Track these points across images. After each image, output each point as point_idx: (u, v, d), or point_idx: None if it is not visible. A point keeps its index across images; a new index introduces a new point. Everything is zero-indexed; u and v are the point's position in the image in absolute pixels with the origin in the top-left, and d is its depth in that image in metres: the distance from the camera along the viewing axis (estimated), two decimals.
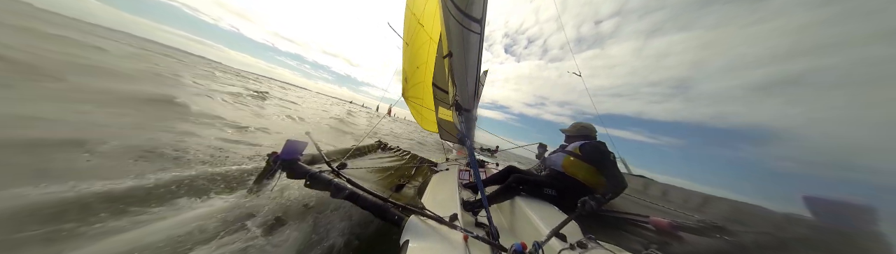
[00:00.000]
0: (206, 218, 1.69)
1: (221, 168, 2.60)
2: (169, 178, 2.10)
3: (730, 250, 1.52)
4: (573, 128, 2.53)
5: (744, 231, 1.65)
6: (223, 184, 2.31)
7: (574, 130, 2.50)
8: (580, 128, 2.47)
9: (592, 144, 2.15)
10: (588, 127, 2.46)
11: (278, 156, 1.74)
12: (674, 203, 2.58)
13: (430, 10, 2.79)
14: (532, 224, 1.59)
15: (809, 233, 1.58)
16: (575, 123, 2.59)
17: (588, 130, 2.43)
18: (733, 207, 2.20)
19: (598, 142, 2.22)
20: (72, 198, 1.60)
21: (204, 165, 2.69)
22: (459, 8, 1.35)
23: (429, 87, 3.58)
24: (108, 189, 1.77)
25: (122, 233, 1.44)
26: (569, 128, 2.57)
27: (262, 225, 1.74)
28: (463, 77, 1.79)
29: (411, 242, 1.12)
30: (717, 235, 1.61)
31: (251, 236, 1.61)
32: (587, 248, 1.18)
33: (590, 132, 2.43)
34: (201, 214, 1.74)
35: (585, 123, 2.52)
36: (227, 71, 29.32)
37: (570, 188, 2.06)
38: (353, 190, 1.54)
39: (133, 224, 1.53)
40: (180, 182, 2.11)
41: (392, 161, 3.30)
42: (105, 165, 2.16)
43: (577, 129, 2.48)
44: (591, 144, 2.16)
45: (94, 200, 1.65)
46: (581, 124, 2.51)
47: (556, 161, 2.32)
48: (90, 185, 1.75)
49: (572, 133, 2.50)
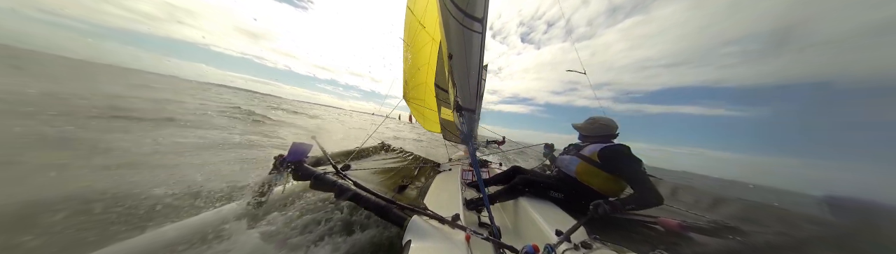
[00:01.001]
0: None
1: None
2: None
3: (743, 251, 1.47)
4: (589, 125, 2.10)
5: (759, 232, 1.61)
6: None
7: (590, 128, 2.08)
8: (599, 125, 2.04)
9: (614, 150, 1.80)
10: (608, 124, 2.03)
11: (284, 158, 1.77)
12: (684, 203, 2.52)
13: (431, 11, 2.81)
14: (536, 225, 1.57)
15: (829, 233, 1.53)
16: (591, 118, 2.13)
17: (608, 129, 2.02)
18: (747, 206, 2.15)
19: (620, 146, 1.83)
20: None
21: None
22: (460, 8, 1.35)
23: (430, 88, 3.59)
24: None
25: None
26: (583, 124, 2.16)
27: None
28: (464, 77, 1.78)
29: (413, 242, 1.11)
30: (730, 236, 1.57)
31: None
32: (592, 248, 1.15)
33: (610, 131, 2.01)
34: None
35: (604, 119, 2.07)
36: (290, 104, 33.61)
37: (579, 193, 1.90)
38: (357, 191, 1.54)
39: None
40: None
41: (395, 162, 3.31)
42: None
43: (595, 127, 2.06)
44: (612, 149, 1.81)
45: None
46: (599, 121, 2.06)
47: (568, 166, 2.01)
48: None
49: (589, 132, 2.09)
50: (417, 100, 4.02)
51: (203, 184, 2.63)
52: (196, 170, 3.08)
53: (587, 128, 2.12)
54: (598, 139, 2.05)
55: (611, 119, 2.08)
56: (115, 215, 1.88)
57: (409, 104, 4.23)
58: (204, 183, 2.66)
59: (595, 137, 2.07)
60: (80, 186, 2.21)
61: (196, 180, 2.71)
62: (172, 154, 3.59)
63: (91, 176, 2.45)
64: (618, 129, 2.06)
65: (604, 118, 2.09)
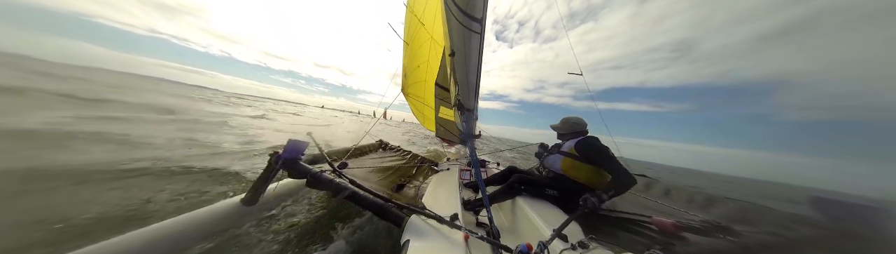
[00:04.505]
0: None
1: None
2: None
3: (735, 250, 1.50)
4: (563, 124, 2.33)
5: (749, 232, 1.64)
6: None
7: (565, 126, 2.31)
8: (571, 124, 2.27)
9: (586, 142, 2.02)
10: (578, 122, 2.27)
11: (280, 156, 1.74)
12: (677, 203, 2.56)
13: (431, 10, 2.79)
14: (534, 224, 1.58)
15: (817, 234, 1.56)
16: (564, 118, 2.36)
17: (579, 126, 2.26)
18: (738, 207, 2.18)
19: (590, 138, 2.08)
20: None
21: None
22: (461, 8, 1.35)
23: (430, 85, 3.58)
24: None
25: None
26: (558, 124, 2.38)
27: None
28: (465, 76, 1.79)
29: (412, 241, 1.12)
30: (722, 235, 1.60)
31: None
32: (588, 248, 1.17)
33: (581, 127, 2.26)
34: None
35: (574, 118, 2.32)
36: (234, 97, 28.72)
37: (572, 190, 2.00)
38: (354, 190, 1.54)
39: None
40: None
41: (393, 161, 3.31)
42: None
43: (569, 125, 2.29)
44: (585, 141, 2.04)
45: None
46: (571, 120, 2.30)
47: (554, 164, 2.20)
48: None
49: (564, 130, 2.32)
50: (417, 96, 4.01)
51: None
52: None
53: (562, 127, 2.35)
54: (571, 136, 2.27)
55: (580, 118, 2.33)
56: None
57: (407, 99, 4.22)
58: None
59: (569, 134, 2.29)
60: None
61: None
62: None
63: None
64: (587, 125, 2.30)
65: (574, 117, 2.33)
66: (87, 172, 2.55)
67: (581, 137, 2.17)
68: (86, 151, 3.14)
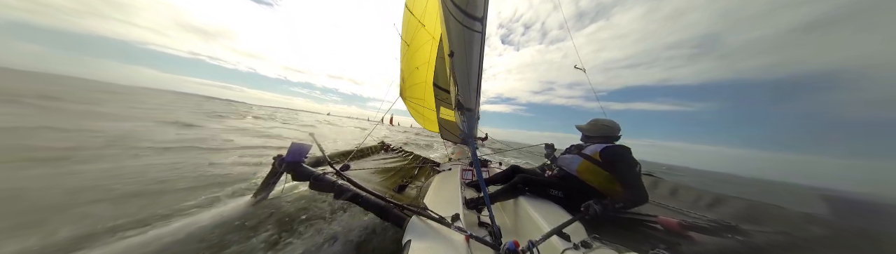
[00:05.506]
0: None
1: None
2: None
3: (743, 250, 1.47)
4: (591, 126, 2.16)
5: (758, 231, 1.61)
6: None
7: (593, 129, 2.14)
8: (601, 127, 2.10)
9: (615, 151, 1.84)
10: (610, 126, 2.08)
11: (283, 158, 1.76)
12: (684, 202, 2.52)
13: (430, 10, 2.79)
14: (535, 224, 1.57)
15: (828, 233, 1.52)
16: (594, 119, 2.19)
17: (610, 130, 2.07)
18: (747, 206, 2.14)
19: (621, 148, 1.87)
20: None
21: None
22: (460, 7, 1.35)
23: (429, 87, 3.58)
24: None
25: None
26: (586, 125, 2.21)
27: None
28: (465, 76, 1.78)
29: (413, 242, 1.11)
30: (730, 235, 1.57)
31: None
32: (591, 247, 1.15)
33: (612, 132, 2.07)
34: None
35: (606, 121, 2.13)
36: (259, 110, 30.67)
37: (579, 191, 1.92)
38: (356, 191, 1.54)
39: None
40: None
41: (395, 162, 3.30)
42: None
43: (598, 128, 2.11)
44: (614, 149, 1.86)
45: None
46: (602, 122, 2.13)
47: (570, 164, 2.06)
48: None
49: (592, 133, 2.14)
50: (416, 99, 4.01)
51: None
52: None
53: (589, 129, 2.18)
54: (600, 140, 2.10)
55: (612, 121, 2.14)
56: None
57: (405, 103, 4.22)
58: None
59: (598, 137, 2.12)
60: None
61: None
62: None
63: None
64: (620, 130, 2.11)
65: (606, 120, 2.15)
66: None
67: (611, 143, 2.01)
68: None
